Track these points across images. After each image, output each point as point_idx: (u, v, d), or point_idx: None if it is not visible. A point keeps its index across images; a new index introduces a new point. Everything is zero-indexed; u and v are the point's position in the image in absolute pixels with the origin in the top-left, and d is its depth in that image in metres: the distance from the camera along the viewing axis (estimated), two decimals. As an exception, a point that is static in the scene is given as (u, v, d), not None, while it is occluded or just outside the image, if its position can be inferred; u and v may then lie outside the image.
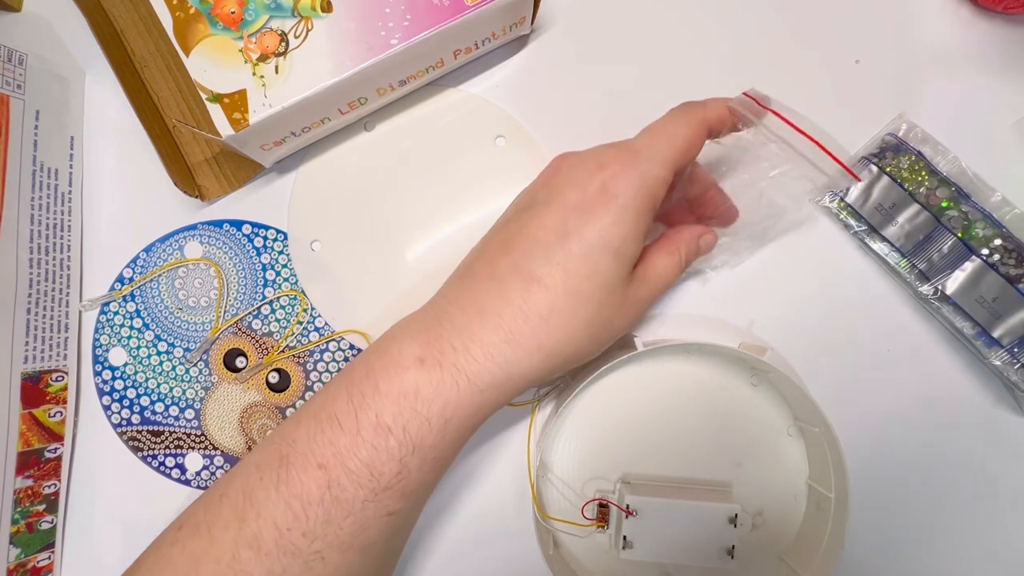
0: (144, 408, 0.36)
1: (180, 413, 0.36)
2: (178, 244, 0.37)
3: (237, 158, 0.36)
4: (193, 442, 0.36)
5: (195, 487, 0.36)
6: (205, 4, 0.30)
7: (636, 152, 0.27)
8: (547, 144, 0.36)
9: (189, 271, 0.37)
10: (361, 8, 0.30)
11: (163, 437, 0.36)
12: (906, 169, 0.34)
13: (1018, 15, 0.36)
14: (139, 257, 0.37)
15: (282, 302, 0.36)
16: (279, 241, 0.37)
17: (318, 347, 0.36)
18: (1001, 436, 0.35)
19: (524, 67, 0.37)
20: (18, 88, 0.33)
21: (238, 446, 0.36)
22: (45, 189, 0.34)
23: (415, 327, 0.27)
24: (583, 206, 0.27)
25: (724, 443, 0.35)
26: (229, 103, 0.30)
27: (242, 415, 0.36)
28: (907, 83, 0.36)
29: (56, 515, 0.35)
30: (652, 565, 0.35)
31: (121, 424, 0.36)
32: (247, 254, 0.37)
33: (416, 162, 0.37)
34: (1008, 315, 0.33)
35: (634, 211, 0.26)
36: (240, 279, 0.36)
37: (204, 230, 0.37)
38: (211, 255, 0.37)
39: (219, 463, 0.36)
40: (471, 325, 0.26)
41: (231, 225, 0.37)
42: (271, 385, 0.36)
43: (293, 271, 0.36)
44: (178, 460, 0.36)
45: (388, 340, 0.28)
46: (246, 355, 0.36)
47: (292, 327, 0.36)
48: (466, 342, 0.26)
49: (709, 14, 0.37)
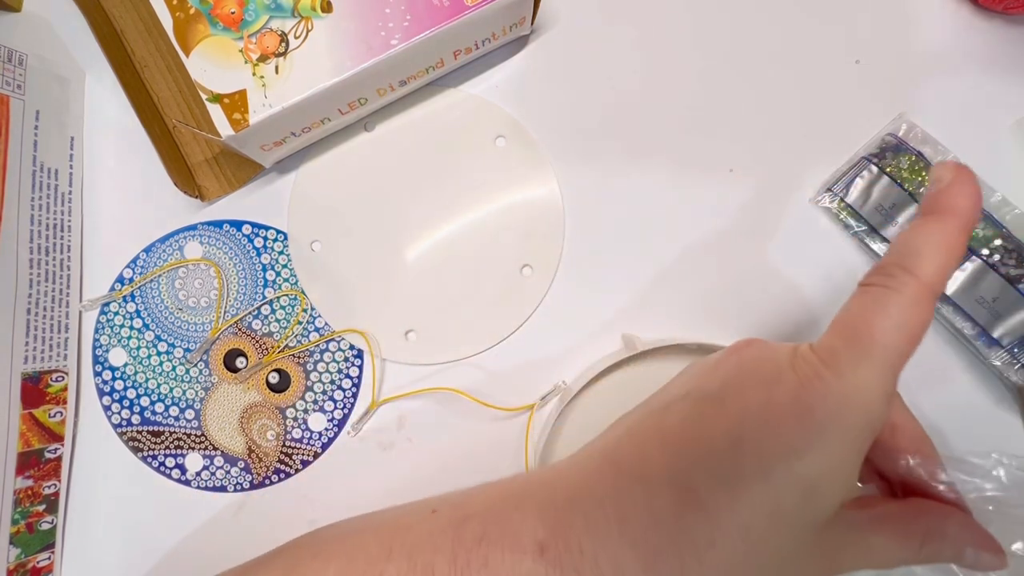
0: (144, 408, 0.36)
1: (180, 413, 0.36)
2: (178, 244, 0.37)
3: (237, 158, 0.36)
4: (193, 442, 0.36)
5: (195, 487, 0.36)
6: (205, 4, 0.30)
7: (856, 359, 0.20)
8: (547, 144, 0.36)
9: (189, 271, 0.37)
10: (361, 8, 0.30)
11: (163, 437, 0.36)
12: (906, 169, 0.34)
13: (1018, 15, 0.36)
14: (139, 257, 0.37)
15: (282, 302, 0.36)
16: (279, 241, 0.37)
17: (318, 347, 0.36)
18: (1001, 436, 0.35)
19: (524, 67, 0.37)
20: (18, 88, 0.33)
21: (238, 446, 0.36)
22: (45, 189, 0.34)
23: (542, 494, 0.23)
24: (769, 414, 0.20)
25: (724, 443, 0.35)
26: (229, 103, 0.30)
27: (242, 415, 0.36)
28: (907, 83, 0.36)
29: (56, 515, 0.35)
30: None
31: (121, 424, 0.36)
32: (247, 254, 0.37)
33: (416, 162, 0.37)
34: (1008, 315, 0.33)
35: (843, 439, 0.20)
36: (240, 279, 0.36)
37: (204, 230, 0.37)
38: (211, 255, 0.37)
39: (219, 463, 0.36)
40: (607, 532, 0.21)
41: (231, 225, 0.37)
42: (271, 385, 0.36)
43: (293, 271, 0.36)
44: (178, 460, 0.36)
45: (509, 497, 0.23)
46: (246, 355, 0.36)
47: (292, 327, 0.36)
48: (597, 550, 0.21)
49: (709, 15, 0.37)
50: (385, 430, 0.36)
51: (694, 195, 0.36)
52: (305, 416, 0.36)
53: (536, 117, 0.37)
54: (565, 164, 0.36)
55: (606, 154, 0.36)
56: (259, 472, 0.36)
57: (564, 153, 0.36)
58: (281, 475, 0.36)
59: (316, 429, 0.36)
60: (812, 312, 0.36)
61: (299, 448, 0.36)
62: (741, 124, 0.36)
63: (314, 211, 0.37)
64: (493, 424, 0.35)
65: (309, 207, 0.37)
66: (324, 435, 0.36)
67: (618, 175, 0.36)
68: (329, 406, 0.36)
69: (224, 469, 0.36)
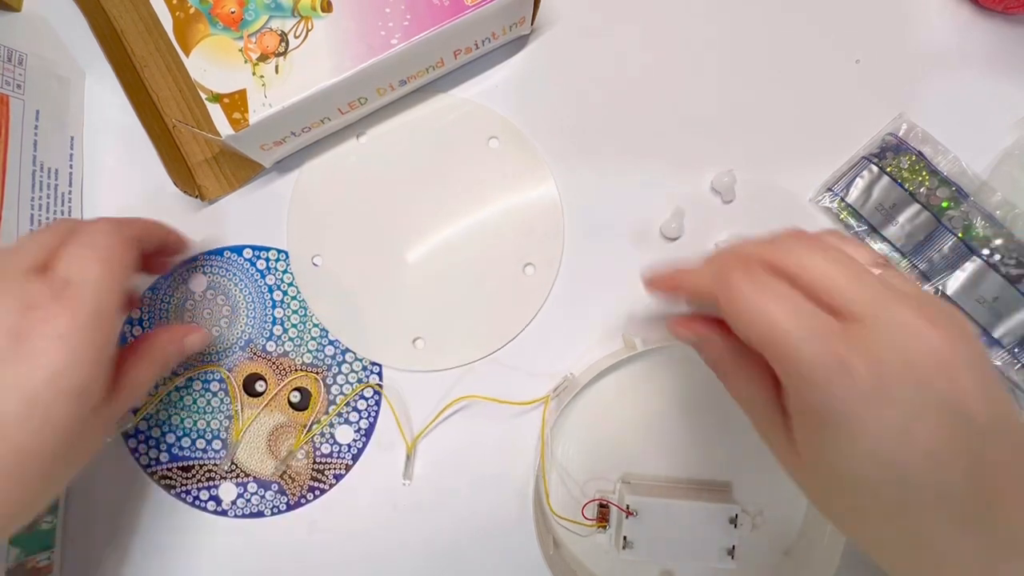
0: (171, 445, 0.36)
1: (208, 445, 0.36)
2: (182, 278, 0.36)
3: (237, 158, 0.36)
4: (225, 472, 0.36)
5: (231, 516, 0.36)
6: (205, 4, 0.30)
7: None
8: (548, 142, 0.36)
9: (197, 303, 0.36)
10: (361, 8, 0.30)
11: (194, 472, 0.36)
12: (906, 169, 0.34)
13: (1018, 15, 0.36)
14: (145, 296, 0.36)
15: (293, 320, 0.36)
16: (281, 260, 0.36)
17: (335, 359, 0.36)
18: (1001, 436, 0.35)
19: (524, 67, 0.37)
20: (18, 88, 0.33)
21: (268, 470, 0.36)
22: (45, 189, 0.34)
23: (971, 545, 0.20)
24: None
25: (724, 443, 0.35)
26: (229, 103, 0.30)
27: (269, 438, 0.36)
28: (907, 83, 0.36)
29: (56, 515, 0.35)
30: (652, 565, 0.35)
31: (150, 465, 0.36)
32: (251, 278, 0.36)
33: (410, 167, 0.36)
34: (1008, 315, 0.33)
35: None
36: (248, 304, 0.36)
37: (206, 260, 0.36)
38: (216, 284, 0.36)
39: (253, 489, 0.36)
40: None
41: (231, 252, 0.36)
42: (293, 404, 0.36)
43: (299, 289, 0.36)
44: (212, 492, 0.36)
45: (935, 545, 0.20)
46: (265, 379, 0.36)
47: (306, 344, 0.36)
48: None
49: (709, 15, 0.37)
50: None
51: (694, 194, 0.36)
52: (332, 431, 0.36)
53: (536, 116, 0.36)
54: (565, 162, 0.36)
55: (606, 153, 0.36)
56: (294, 493, 0.36)
57: (564, 151, 0.36)
58: (316, 492, 0.36)
59: (344, 442, 0.36)
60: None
61: (331, 463, 0.36)
62: (741, 124, 0.36)
63: (311, 226, 0.36)
64: (507, 421, 0.36)
65: (306, 223, 0.36)
66: (354, 447, 0.36)
67: (618, 174, 0.36)
68: (354, 417, 0.36)
69: (259, 495, 0.36)
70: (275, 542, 0.36)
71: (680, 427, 0.35)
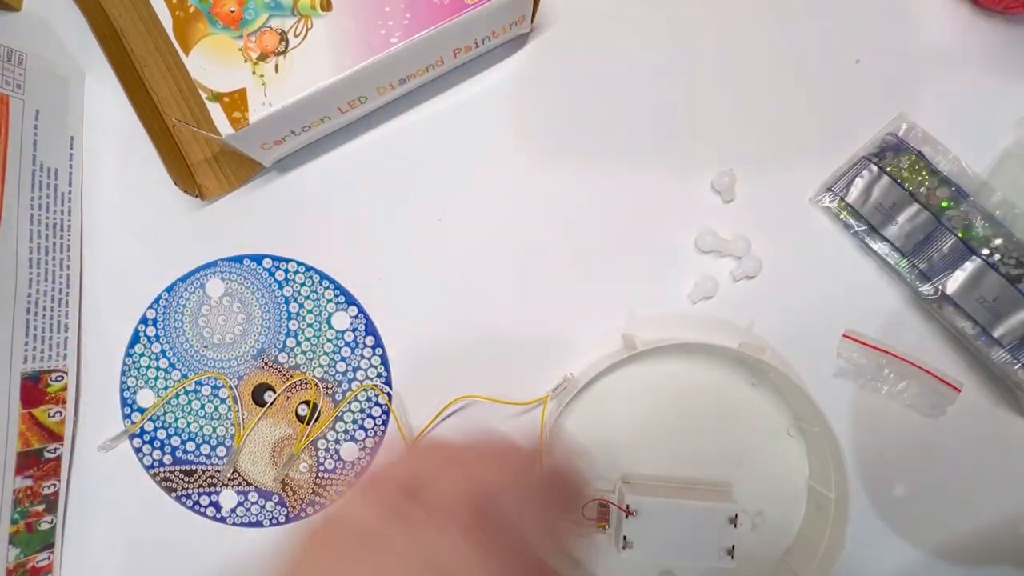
0: (175, 448, 0.36)
1: (212, 451, 0.36)
2: (200, 282, 0.36)
3: (237, 157, 0.36)
4: (227, 479, 0.36)
5: (230, 524, 0.36)
6: (205, 3, 0.30)
7: None
8: (544, 142, 0.36)
9: (212, 308, 0.36)
10: (361, 7, 0.30)
11: (196, 476, 0.36)
12: (906, 169, 0.34)
13: (1018, 15, 0.36)
14: (161, 297, 0.36)
15: (307, 334, 0.36)
16: (300, 273, 0.36)
17: (345, 376, 0.36)
18: (1001, 436, 0.35)
19: (524, 66, 0.37)
20: (18, 88, 0.33)
21: (270, 480, 0.36)
22: (45, 189, 0.34)
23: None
24: None
25: (724, 443, 0.35)
26: (229, 102, 0.30)
27: (274, 449, 0.36)
28: (907, 83, 0.36)
29: (55, 515, 0.35)
30: (652, 565, 0.35)
31: (153, 465, 0.36)
32: (269, 288, 0.36)
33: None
34: (1008, 315, 0.33)
35: None
36: (264, 313, 0.36)
37: (224, 266, 0.36)
38: (233, 292, 0.36)
39: (253, 499, 0.36)
40: None
41: (251, 260, 0.36)
42: (301, 417, 0.36)
43: (316, 302, 0.36)
44: (212, 498, 0.36)
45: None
46: (274, 390, 0.36)
47: (318, 358, 0.36)
48: None
49: (709, 15, 0.37)
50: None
51: (694, 194, 0.36)
52: (337, 447, 0.36)
53: (535, 116, 0.36)
54: (563, 160, 0.36)
55: (606, 152, 0.36)
56: (294, 505, 0.36)
57: (564, 150, 0.36)
58: (316, 507, 0.36)
59: (349, 459, 0.36)
60: (812, 311, 0.36)
61: (333, 479, 0.36)
62: (741, 123, 0.36)
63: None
64: (507, 421, 0.36)
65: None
66: (357, 464, 0.36)
67: (618, 173, 0.36)
68: (360, 435, 0.36)
69: (259, 504, 0.36)
70: (270, 553, 0.36)
71: (680, 427, 0.35)
